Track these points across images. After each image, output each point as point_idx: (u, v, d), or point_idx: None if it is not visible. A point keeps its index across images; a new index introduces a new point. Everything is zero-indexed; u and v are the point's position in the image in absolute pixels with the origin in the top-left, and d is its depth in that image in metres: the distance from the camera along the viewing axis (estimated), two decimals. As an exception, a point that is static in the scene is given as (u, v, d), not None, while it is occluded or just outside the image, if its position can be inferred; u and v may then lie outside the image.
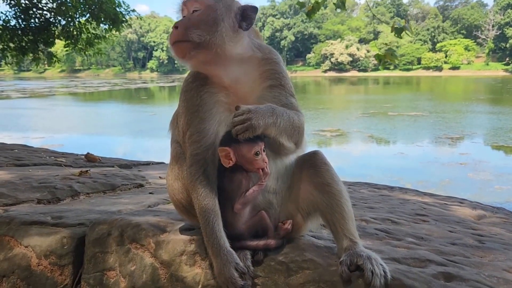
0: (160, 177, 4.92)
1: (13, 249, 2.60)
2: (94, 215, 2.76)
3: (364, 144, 17.36)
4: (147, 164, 6.45)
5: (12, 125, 21.43)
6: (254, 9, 2.03)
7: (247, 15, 2.02)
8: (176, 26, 1.96)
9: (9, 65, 14.10)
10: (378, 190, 4.75)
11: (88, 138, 18.17)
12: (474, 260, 2.20)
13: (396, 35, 6.04)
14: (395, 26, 6.03)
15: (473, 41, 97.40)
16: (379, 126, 21.48)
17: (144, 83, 71.84)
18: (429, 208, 3.74)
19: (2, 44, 12.22)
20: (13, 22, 12.29)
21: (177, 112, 2.24)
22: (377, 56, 6.43)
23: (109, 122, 24.14)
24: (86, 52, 13.77)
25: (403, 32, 6.06)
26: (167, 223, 2.44)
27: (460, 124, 21.55)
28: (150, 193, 3.77)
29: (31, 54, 12.95)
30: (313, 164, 2.07)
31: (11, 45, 12.21)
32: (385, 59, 6.20)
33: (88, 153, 6.07)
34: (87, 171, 4.23)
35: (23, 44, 12.24)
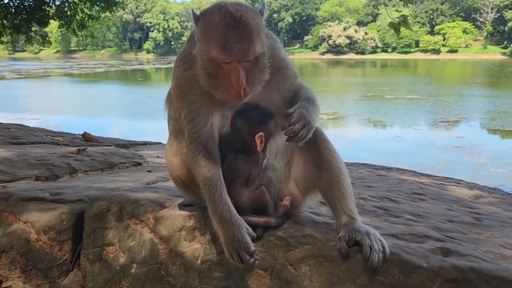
0: (157, 156, 4.90)
1: (12, 224, 2.60)
2: (92, 191, 2.75)
3: (361, 127, 17.38)
4: (145, 144, 6.43)
5: (8, 106, 21.26)
6: (263, 6, 1.99)
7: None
8: (244, 89, 1.82)
9: (4, 44, 13.90)
10: (375, 171, 4.77)
11: (84, 120, 18.07)
12: (472, 236, 2.22)
13: (394, 31, 5.93)
14: (392, 21, 5.92)
15: (472, 24, 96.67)
16: (376, 109, 21.47)
17: (140, 64, 71.12)
18: (427, 188, 3.76)
19: None
20: (6, 0, 12.05)
21: (170, 91, 2.21)
22: (391, 24, 6.18)
23: (105, 104, 23.97)
24: (79, 33, 13.59)
25: (401, 28, 5.96)
26: (166, 199, 2.44)
27: (457, 108, 21.58)
28: (148, 171, 3.76)
29: (25, 34, 12.75)
30: (312, 141, 2.06)
31: (5, 22, 12.00)
32: (399, 27, 6.03)
33: (85, 132, 6.03)
34: (84, 149, 4.21)
35: (17, 22, 12.02)
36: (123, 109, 22.18)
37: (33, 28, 12.86)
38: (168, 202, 2.40)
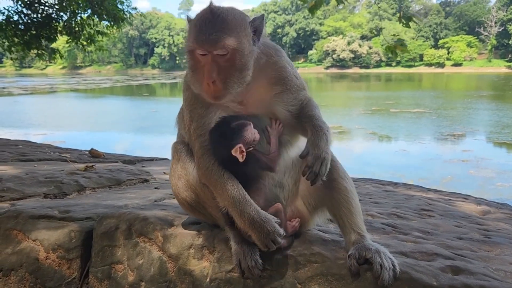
0: (164, 172, 4.92)
1: (21, 242, 2.62)
2: (101, 209, 2.77)
3: (366, 141, 17.35)
4: (151, 160, 6.46)
5: (14, 121, 21.46)
6: (262, 18, 1.98)
7: (256, 27, 1.96)
8: (213, 81, 1.85)
9: (14, 60, 14.19)
10: (382, 186, 4.76)
11: (90, 135, 18.18)
12: (481, 254, 2.21)
13: (404, 25, 5.94)
14: (388, 45, 5.96)
15: (476, 37, 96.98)
16: (381, 123, 21.45)
17: (145, 79, 71.77)
18: (434, 203, 3.74)
19: (7, 39, 12.26)
20: (15, 17, 12.32)
21: (182, 107, 2.25)
22: (387, 48, 6.30)
23: (110, 119, 24.14)
24: (88, 48, 13.80)
25: (411, 21, 5.97)
26: (175, 217, 2.45)
27: (462, 121, 21.51)
28: (155, 188, 3.78)
29: (35, 50, 12.99)
30: None
31: (15, 39, 12.24)
32: (396, 50, 6.11)
33: (92, 148, 6.08)
34: (92, 166, 4.24)
35: (27, 38, 12.27)
36: (128, 124, 22.30)
37: (43, 44, 13.10)
38: (176, 220, 2.41)
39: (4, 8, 12.17)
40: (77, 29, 12.97)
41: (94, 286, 2.42)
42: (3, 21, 12.09)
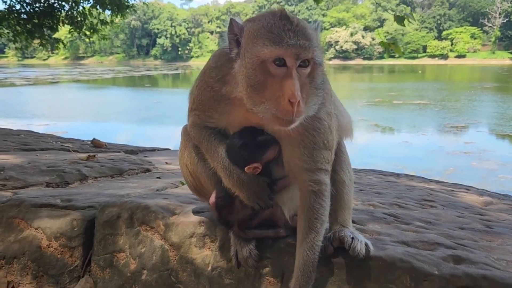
0: (166, 162, 4.93)
1: (23, 231, 2.63)
2: (103, 198, 2.77)
3: (369, 133, 17.31)
4: (153, 150, 6.47)
5: (17, 112, 21.49)
6: (317, 26, 1.76)
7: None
8: (298, 103, 1.54)
9: (17, 49, 14.12)
10: (384, 177, 4.75)
11: (92, 126, 18.19)
12: (483, 244, 2.20)
13: (398, 23, 6.01)
14: (397, 14, 6.01)
15: (480, 29, 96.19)
16: (384, 114, 21.38)
17: (147, 70, 71.60)
18: (436, 194, 3.74)
19: (10, 28, 12.23)
20: (17, 6, 12.26)
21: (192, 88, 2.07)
22: (382, 44, 6.46)
23: (113, 110, 24.14)
24: (90, 39, 13.73)
25: (405, 20, 6.03)
26: (176, 206, 2.45)
27: (465, 113, 21.43)
28: (157, 177, 3.78)
29: (38, 39, 12.95)
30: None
31: (18, 29, 12.21)
32: (390, 48, 6.22)
33: (94, 138, 6.09)
34: (94, 155, 4.24)
35: (30, 27, 12.24)
36: (131, 114, 22.31)
37: (45, 33, 13.06)
38: (178, 208, 2.42)
39: None
40: (79, 18, 12.91)
41: (96, 274, 2.44)
42: (6, 10, 12.04)
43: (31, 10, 12.31)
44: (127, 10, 12.92)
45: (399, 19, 5.84)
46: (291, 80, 1.53)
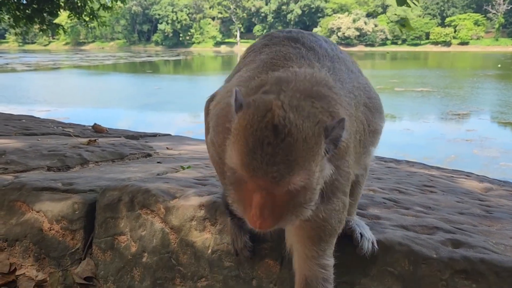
0: (167, 148, 4.93)
1: (25, 214, 2.65)
2: (104, 182, 2.78)
3: (370, 119, 17.25)
4: (154, 135, 6.47)
5: (18, 98, 21.47)
6: (342, 125, 1.33)
7: (333, 138, 1.35)
8: (262, 220, 1.33)
9: (17, 35, 14.03)
10: (385, 163, 4.76)
11: (94, 112, 18.17)
12: (482, 228, 2.21)
13: (398, 4, 5.90)
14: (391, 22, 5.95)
15: (483, 15, 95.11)
16: (386, 102, 21.13)
17: (149, 56, 71.20)
18: (436, 180, 3.74)
19: (10, 13, 12.15)
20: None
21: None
22: (395, 24, 6.32)
23: (114, 96, 24.11)
24: (90, 25, 13.64)
25: (409, 2, 5.93)
26: (177, 189, 2.46)
27: (467, 100, 21.36)
28: (158, 162, 3.79)
29: (38, 25, 12.87)
30: None
31: (18, 13, 12.13)
32: (404, 28, 6.14)
33: (95, 124, 6.09)
34: (95, 140, 4.25)
35: (29, 12, 12.16)
36: (132, 101, 22.28)
37: (46, 18, 12.97)
38: (178, 192, 2.43)
39: None
40: (79, 4, 12.79)
41: (98, 257, 2.46)
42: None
43: None
44: None
45: (400, 1, 5.75)
46: (256, 200, 1.32)
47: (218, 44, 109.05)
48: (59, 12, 12.93)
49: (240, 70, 1.93)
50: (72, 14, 12.92)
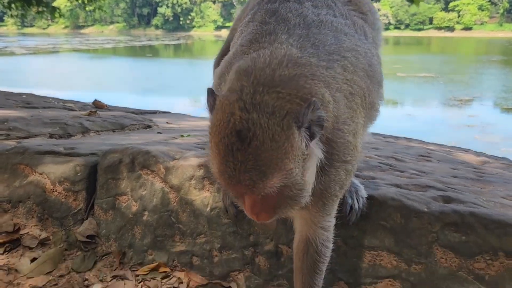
0: (167, 122, 4.97)
1: (28, 176, 2.70)
2: (105, 147, 2.83)
3: (371, 104, 17.23)
4: (154, 112, 6.49)
5: (17, 81, 21.41)
6: (314, 107, 1.28)
7: (313, 120, 1.31)
8: (259, 215, 1.40)
9: (15, 17, 13.92)
10: (383, 138, 4.80)
11: (93, 95, 18.13)
12: (474, 189, 2.27)
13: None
14: None
15: (488, 0, 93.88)
16: (388, 87, 21.04)
17: (149, 40, 70.68)
18: (433, 152, 3.78)
19: None
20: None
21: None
22: None
23: (113, 80, 24.04)
24: (88, 8, 13.55)
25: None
26: (176, 151, 2.52)
27: (470, 86, 21.27)
28: (158, 132, 3.84)
29: (35, 7, 12.77)
30: None
31: None
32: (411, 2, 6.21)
33: (95, 100, 6.10)
34: (95, 111, 4.29)
35: None
36: (132, 84, 22.24)
37: (44, 0, 12.86)
38: (178, 154, 2.48)
39: None
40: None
41: (100, 216, 2.53)
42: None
43: None
44: None
45: None
46: (244, 200, 1.38)
47: (219, 28, 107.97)
48: None
49: (233, 37, 1.97)
50: (70, -4, 12.86)
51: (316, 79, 1.40)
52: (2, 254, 2.47)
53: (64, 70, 28.49)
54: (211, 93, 1.37)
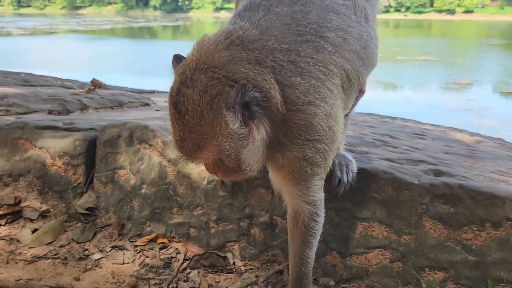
0: (165, 101, 4.99)
1: (28, 150, 2.75)
2: (103, 122, 2.86)
3: (369, 88, 17.06)
4: (152, 92, 6.51)
5: (14, 63, 21.24)
6: (246, 89, 1.35)
7: (251, 102, 1.39)
8: (212, 172, 1.64)
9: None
10: (380, 118, 4.84)
11: (91, 76, 18.03)
12: (465, 164, 2.32)
13: None
14: None
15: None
16: (387, 70, 21.13)
17: (147, 21, 69.80)
18: (428, 131, 3.83)
19: None
20: None
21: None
22: None
23: (112, 61, 23.86)
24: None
25: None
26: (174, 126, 2.55)
27: (470, 70, 21.17)
28: (156, 110, 3.87)
29: None
30: None
31: None
32: None
33: (93, 79, 6.10)
34: (94, 89, 4.31)
35: None
36: (130, 66, 22.09)
37: None
38: (175, 129, 2.51)
39: None
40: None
41: (99, 190, 2.58)
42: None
43: None
44: None
45: None
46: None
47: (218, 9, 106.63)
48: None
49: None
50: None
51: (260, 64, 1.43)
52: (4, 225, 2.53)
53: (62, 51, 28.23)
54: (175, 59, 1.51)
